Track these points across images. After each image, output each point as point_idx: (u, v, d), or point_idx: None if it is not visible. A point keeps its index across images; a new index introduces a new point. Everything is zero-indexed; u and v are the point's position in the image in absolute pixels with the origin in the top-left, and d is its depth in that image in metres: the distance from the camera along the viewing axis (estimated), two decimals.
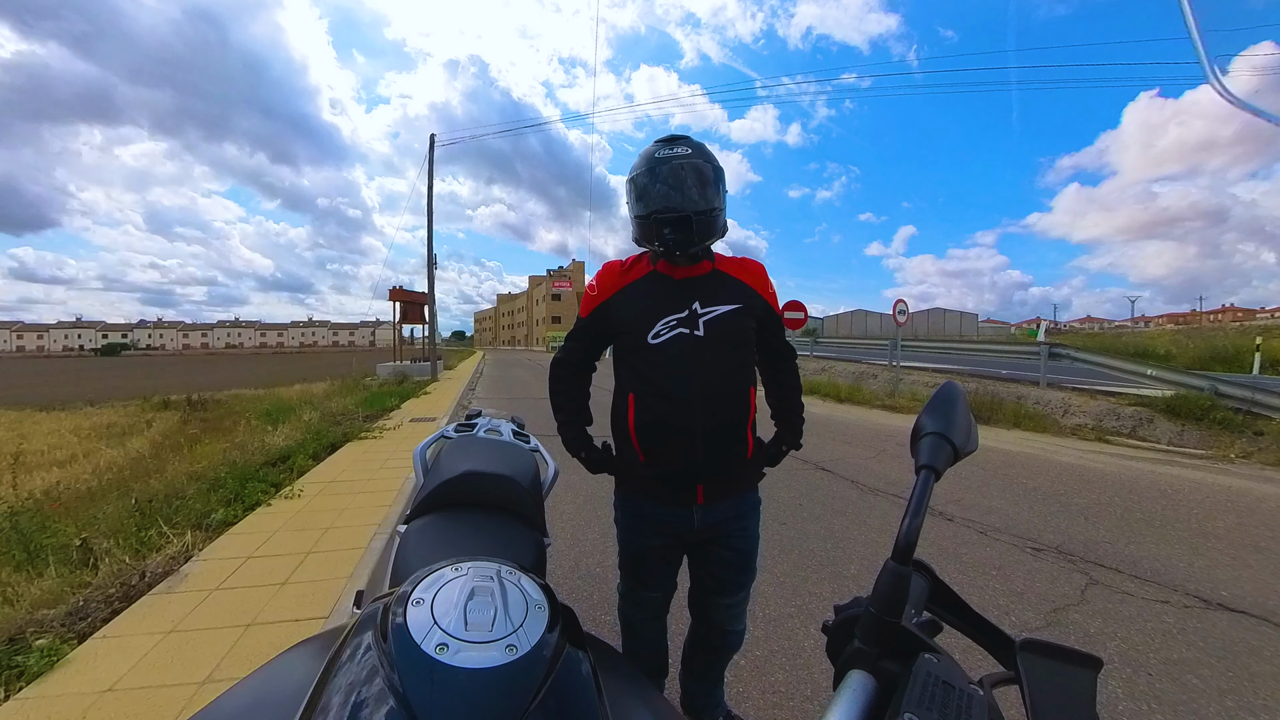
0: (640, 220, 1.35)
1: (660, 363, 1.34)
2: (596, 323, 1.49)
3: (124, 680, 1.93)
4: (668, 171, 1.30)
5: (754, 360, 1.48)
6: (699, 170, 1.31)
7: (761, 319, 1.45)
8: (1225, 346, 13.79)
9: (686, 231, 1.30)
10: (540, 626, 0.54)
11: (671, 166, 1.30)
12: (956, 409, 0.61)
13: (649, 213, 1.32)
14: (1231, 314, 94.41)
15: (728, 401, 1.35)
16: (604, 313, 1.46)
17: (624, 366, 1.43)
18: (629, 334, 1.40)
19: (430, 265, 18.25)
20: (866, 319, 59.59)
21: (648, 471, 1.40)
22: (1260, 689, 1.98)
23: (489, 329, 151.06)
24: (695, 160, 1.31)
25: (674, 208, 1.29)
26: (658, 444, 1.37)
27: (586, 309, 1.50)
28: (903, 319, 10.60)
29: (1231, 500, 4.24)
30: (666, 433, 1.35)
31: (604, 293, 1.46)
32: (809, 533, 3.54)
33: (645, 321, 1.37)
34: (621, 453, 1.48)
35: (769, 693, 1.98)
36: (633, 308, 1.41)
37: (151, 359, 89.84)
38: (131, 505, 3.64)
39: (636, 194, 1.35)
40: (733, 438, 1.37)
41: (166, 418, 11.16)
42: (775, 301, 1.49)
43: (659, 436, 1.36)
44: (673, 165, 1.30)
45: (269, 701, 0.55)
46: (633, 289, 1.42)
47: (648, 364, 1.36)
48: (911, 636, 0.49)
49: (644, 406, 1.37)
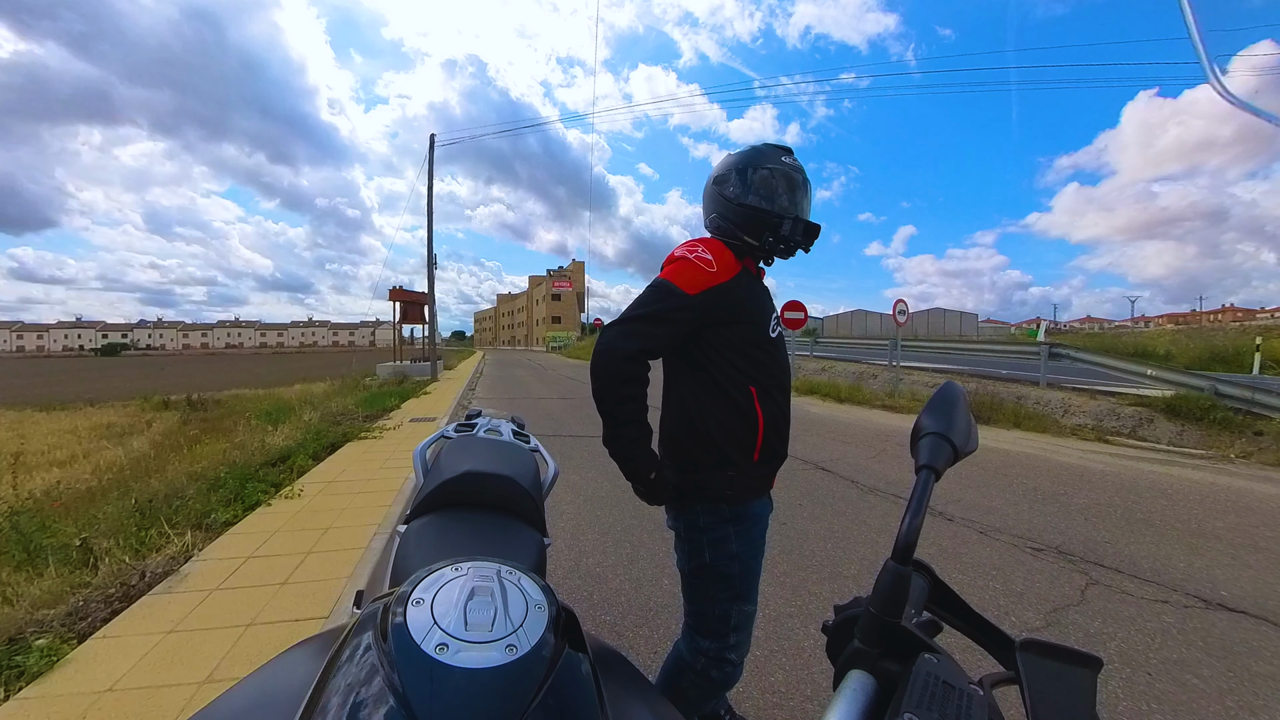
0: (763, 214, 1.34)
1: (780, 357, 1.42)
2: (708, 304, 1.27)
3: (124, 680, 1.93)
4: (800, 180, 1.38)
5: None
6: (810, 187, 1.42)
7: None
8: (1225, 346, 13.78)
9: (813, 238, 1.39)
10: (540, 626, 0.54)
11: (802, 177, 1.39)
12: (956, 409, 0.61)
13: (800, 214, 1.37)
14: (1231, 314, 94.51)
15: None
16: (723, 295, 1.28)
17: (743, 360, 1.32)
18: (751, 325, 1.34)
19: (430, 265, 18.25)
20: (866, 319, 59.60)
21: (761, 470, 1.37)
22: (1260, 689, 1.98)
23: (489, 329, 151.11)
24: (808, 177, 1.41)
25: (804, 215, 1.38)
26: (778, 436, 1.39)
27: (699, 284, 1.26)
28: (903, 319, 10.61)
29: (1231, 500, 4.24)
30: (784, 424, 1.40)
31: (725, 274, 1.29)
32: (809, 533, 3.54)
33: (765, 315, 1.39)
34: (728, 455, 1.31)
35: (769, 693, 1.98)
36: (754, 299, 1.37)
37: (151, 359, 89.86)
38: (131, 505, 3.64)
39: (768, 190, 1.36)
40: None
41: (166, 418, 11.17)
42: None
43: (779, 429, 1.39)
44: (802, 176, 1.39)
45: (269, 701, 0.55)
46: (744, 278, 1.35)
47: (770, 358, 1.38)
48: (911, 636, 0.49)
49: (770, 400, 1.35)
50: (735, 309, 1.31)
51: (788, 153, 1.40)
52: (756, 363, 1.33)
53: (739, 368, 1.31)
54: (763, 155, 1.38)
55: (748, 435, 1.31)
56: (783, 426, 1.40)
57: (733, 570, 1.35)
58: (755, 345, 1.34)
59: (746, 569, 1.37)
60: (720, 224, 1.40)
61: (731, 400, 1.31)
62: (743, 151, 1.42)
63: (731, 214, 1.37)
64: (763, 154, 1.39)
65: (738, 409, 1.31)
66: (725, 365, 1.31)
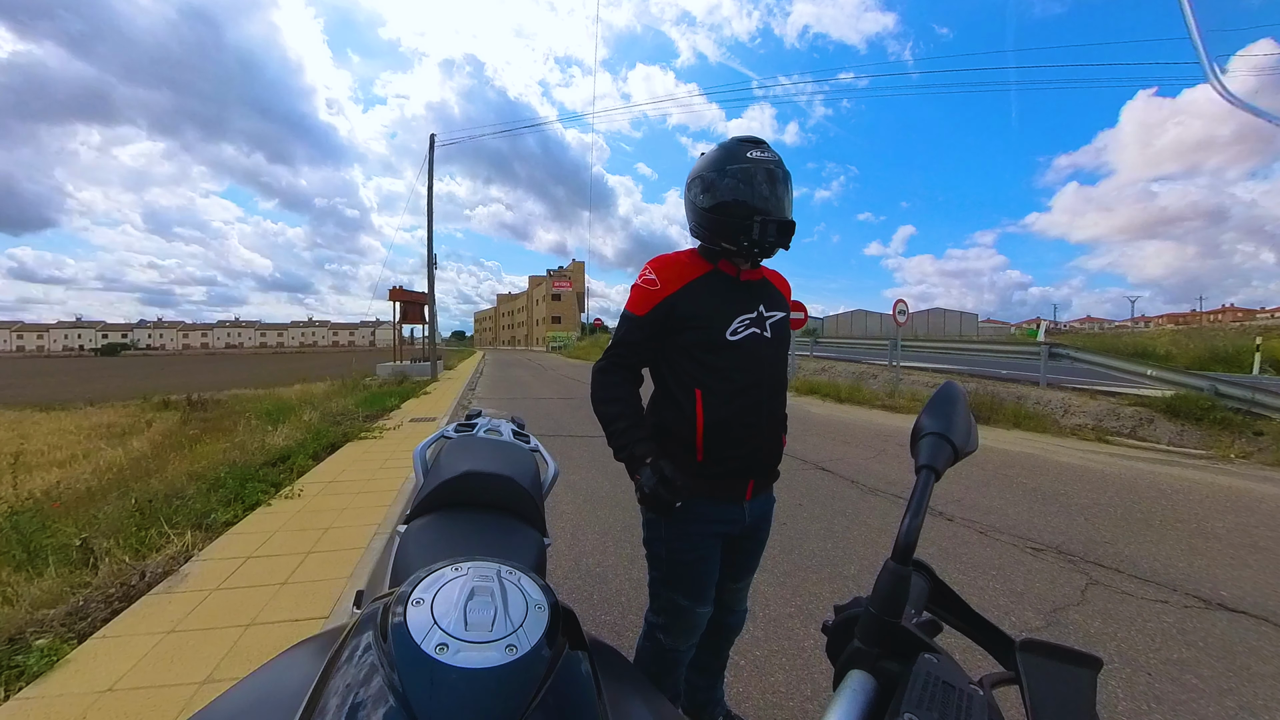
0: (731, 218, 1.31)
1: (738, 360, 1.36)
2: (660, 319, 1.38)
3: (124, 680, 1.93)
4: (768, 173, 1.30)
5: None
6: (789, 178, 1.34)
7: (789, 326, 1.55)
8: (1225, 346, 13.78)
9: (788, 235, 1.33)
10: (540, 626, 0.54)
11: (771, 169, 1.30)
12: (956, 409, 0.61)
13: (765, 211, 1.29)
14: (1231, 314, 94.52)
15: (783, 400, 1.46)
16: (670, 307, 1.37)
17: (691, 363, 1.37)
18: (701, 330, 1.36)
19: (430, 265, 18.25)
20: (866, 319, 59.61)
21: (707, 471, 1.36)
22: (1260, 689, 1.98)
23: (489, 329, 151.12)
24: (784, 167, 1.33)
25: (778, 211, 1.31)
26: (725, 440, 1.35)
27: (646, 305, 1.38)
28: (902, 319, 10.60)
29: (1231, 500, 4.24)
30: (737, 429, 1.35)
31: (668, 286, 1.37)
32: (809, 533, 3.54)
33: (722, 318, 1.35)
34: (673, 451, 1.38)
35: (769, 693, 1.98)
36: (705, 303, 1.37)
37: (151, 359, 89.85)
38: (131, 505, 3.64)
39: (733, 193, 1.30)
40: (782, 433, 1.47)
41: (166, 417, 11.17)
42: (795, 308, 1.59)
43: (728, 433, 1.35)
44: (772, 168, 1.30)
45: (269, 701, 0.55)
46: (699, 284, 1.38)
47: (725, 361, 1.35)
48: (911, 636, 0.49)
49: (715, 403, 1.34)
50: (684, 317, 1.36)
51: (757, 145, 1.32)
52: (706, 366, 1.36)
53: (687, 371, 1.38)
54: (728, 155, 1.32)
55: (689, 436, 1.37)
56: (737, 431, 1.35)
57: (659, 551, 1.45)
58: (706, 349, 1.36)
59: (675, 559, 1.43)
60: (694, 230, 1.41)
61: (676, 402, 1.39)
62: (710, 152, 1.38)
63: (702, 221, 1.37)
64: (729, 153, 1.33)
65: (681, 411, 1.37)
66: (675, 369, 1.40)
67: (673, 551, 1.42)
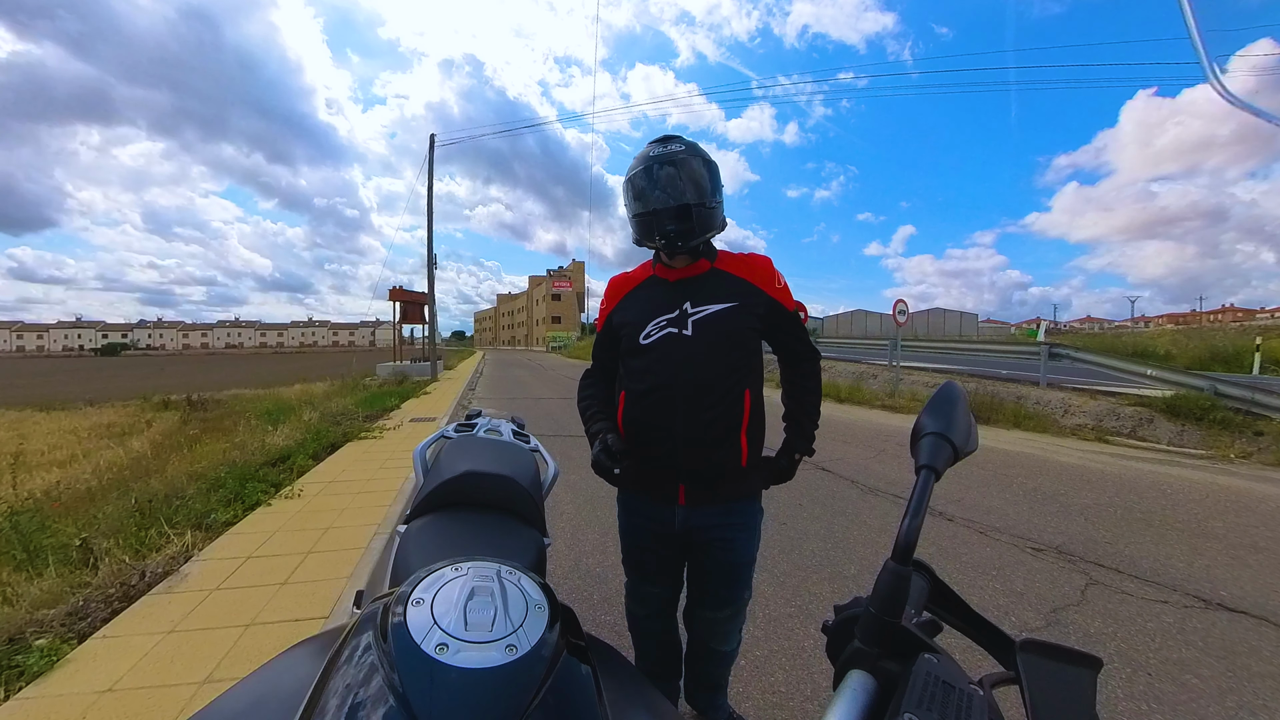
0: (640, 218, 1.35)
1: (649, 363, 1.37)
2: (607, 333, 1.52)
3: (124, 680, 1.93)
4: (664, 167, 1.31)
5: (755, 361, 1.42)
6: (692, 166, 1.31)
7: (766, 316, 1.39)
8: (1225, 346, 13.78)
9: (687, 221, 1.30)
10: (540, 626, 0.54)
11: (666, 163, 1.31)
12: (956, 409, 0.61)
13: (649, 209, 1.31)
14: (1231, 314, 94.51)
15: (714, 402, 1.33)
16: (609, 321, 1.50)
17: (621, 367, 1.49)
18: (626, 337, 1.44)
19: (430, 265, 18.25)
20: (866, 319, 59.59)
21: (638, 467, 1.41)
22: (1260, 689, 1.98)
23: (489, 329, 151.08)
24: (689, 156, 1.31)
25: (662, 202, 1.30)
26: (640, 441, 1.39)
27: (599, 322, 1.56)
28: (903, 319, 10.60)
29: (1231, 500, 4.24)
30: (649, 430, 1.38)
31: (610, 302, 1.52)
32: (809, 533, 3.54)
33: (639, 323, 1.41)
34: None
35: (769, 693, 1.98)
36: (631, 311, 1.45)
37: (151, 359, 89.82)
38: (131, 505, 3.64)
39: (635, 193, 1.35)
40: (719, 441, 1.34)
41: (166, 418, 11.16)
42: (785, 297, 1.41)
43: (641, 433, 1.39)
44: (668, 161, 1.31)
45: (269, 701, 0.55)
46: (634, 294, 1.48)
47: (640, 364, 1.40)
48: (911, 636, 0.49)
49: (631, 404, 1.42)
50: (618, 327, 1.48)
51: (660, 142, 1.35)
52: (627, 369, 1.46)
53: (621, 376, 1.50)
54: (635, 160, 1.37)
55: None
56: (649, 433, 1.37)
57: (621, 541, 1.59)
58: (628, 354, 1.45)
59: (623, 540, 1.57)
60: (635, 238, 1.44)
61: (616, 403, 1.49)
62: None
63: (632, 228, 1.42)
64: (635, 159, 1.38)
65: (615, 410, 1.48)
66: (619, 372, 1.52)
67: (621, 533, 1.57)
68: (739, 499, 1.42)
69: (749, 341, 1.39)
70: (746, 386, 1.37)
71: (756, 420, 1.40)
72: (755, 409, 1.39)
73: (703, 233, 1.33)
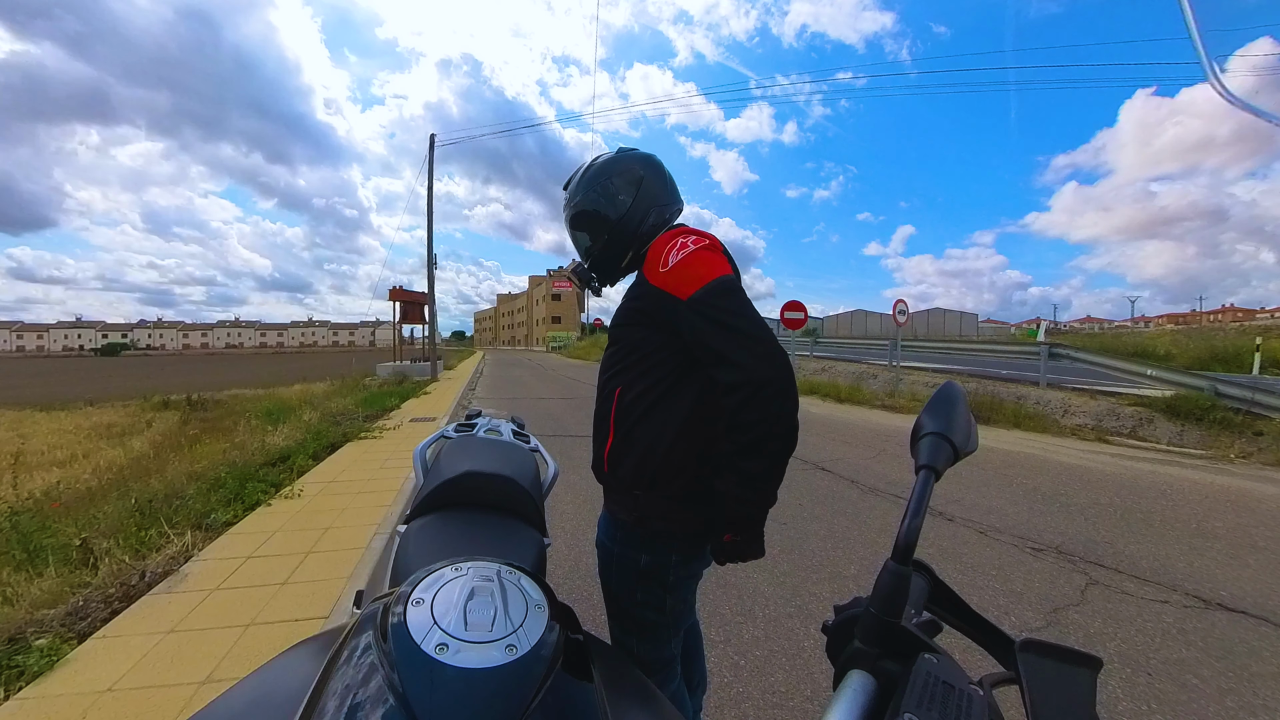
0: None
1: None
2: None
3: (124, 680, 1.93)
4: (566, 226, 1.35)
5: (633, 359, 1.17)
6: (570, 220, 1.32)
7: (649, 311, 1.13)
8: (1225, 346, 13.78)
9: (582, 281, 1.34)
10: (540, 626, 0.54)
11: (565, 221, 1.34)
12: (956, 409, 0.61)
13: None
14: (1231, 314, 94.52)
15: (599, 402, 1.24)
16: None
17: None
18: None
19: (430, 265, 18.25)
20: (866, 319, 59.63)
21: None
22: (1260, 689, 1.98)
23: (489, 329, 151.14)
24: (567, 209, 1.32)
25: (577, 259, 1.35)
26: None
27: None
28: (903, 319, 10.61)
29: (1231, 500, 4.24)
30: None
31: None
32: (809, 533, 3.54)
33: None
34: None
35: (769, 693, 1.98)
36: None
37: (151, 359, 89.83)
38: (131, 505, 3.64)
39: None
40: (599, 441, 1.23)
41: (166, 418, 11.17)
42: (665, 279, 1.07)
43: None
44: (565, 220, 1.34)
45: (269, 701, 0.55)
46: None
47: None
48: (911, 636, 0.49)
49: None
50: None
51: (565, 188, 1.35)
52: None
53: None
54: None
55: None
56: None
57: None
58: None
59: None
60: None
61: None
62: None
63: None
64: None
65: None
66: None
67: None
68: (615, 511, 1.22)
69: (626, 338, 1.20)
70: (617, 386, 1.18)
71: (624, 422, 1.16)
72: (625, 410, 1.16)
73: (613, 269, 1.31)
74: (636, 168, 1.27)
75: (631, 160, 1.28)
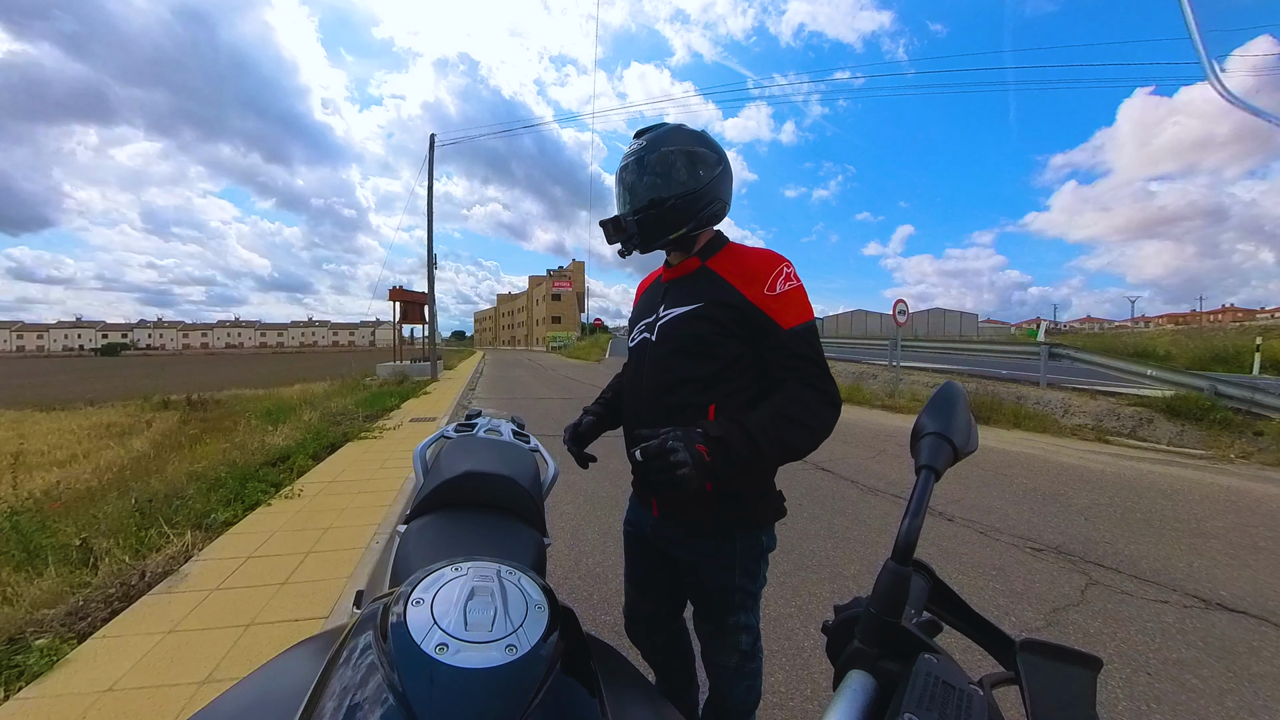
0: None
1: (633, 363, 1.37)
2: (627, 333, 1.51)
3: (124, 680, 1.93)
4: (619, 174, 1.27)
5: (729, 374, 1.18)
6: (642, 162, 1.21)
7: (738, 323, 1.15)
8: (1225, 346, 13.78)
9: (619, 232, 1.23)
10: (540, 626, 0.54)
11: (631, 161, 1.23)
12: (956, 409, 0.61)
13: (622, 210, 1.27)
14: (1231, 314, 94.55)
15: (669, 416, 1.15)
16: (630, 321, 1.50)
17: None
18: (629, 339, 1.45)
19: (430, 265, 18.25)
20: (866, 319, 59.63)
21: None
22: (1260, 689, 1.98)
23: (489, 329, 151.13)
24: (644, 152, 1.21)
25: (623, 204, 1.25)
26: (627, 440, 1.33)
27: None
28: (902, 319, 10.61)
29: (1231, 500, 4.24)
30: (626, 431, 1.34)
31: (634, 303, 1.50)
32: (809, 533, 3.54)
33: (631, 326, 1.42)
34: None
35: (769, 693, 1.98)
36: (634, 313, 1.45)
37: (151, 359, 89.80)
38: (131, 505, 3.64)
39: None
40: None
41: (166, 417, 11.16)
42: (775, 306, 1.14)
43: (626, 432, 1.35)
44: (624, 165, 1.24)
45: (269, 701, 0.55)
46: (643, 295, 1.45)
47: (625, 367, 1.42)
48: (911, 636, 0.49)
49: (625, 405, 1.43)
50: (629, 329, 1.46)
51: (637, 135, 1.26)
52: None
53: None
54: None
55: None
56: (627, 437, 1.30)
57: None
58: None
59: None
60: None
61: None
62: None
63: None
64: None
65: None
66: None
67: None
68: (704, 535, 1.23)
69: (714, 350, 1.16)
70: (711, 402, 1.16)
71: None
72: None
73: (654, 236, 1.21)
74: (722, 153, 1.27)
75: (718, 144, 1.28)
